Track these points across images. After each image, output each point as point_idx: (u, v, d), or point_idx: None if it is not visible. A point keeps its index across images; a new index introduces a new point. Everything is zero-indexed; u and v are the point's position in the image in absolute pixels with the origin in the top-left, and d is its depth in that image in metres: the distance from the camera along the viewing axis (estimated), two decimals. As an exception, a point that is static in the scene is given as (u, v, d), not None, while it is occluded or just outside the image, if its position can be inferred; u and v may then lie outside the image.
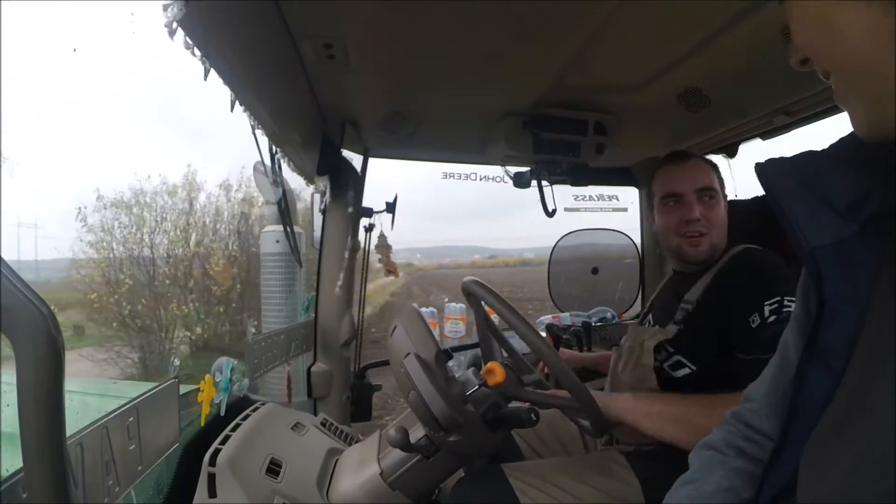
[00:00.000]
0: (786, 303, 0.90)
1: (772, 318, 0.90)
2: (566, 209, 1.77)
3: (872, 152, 0.40)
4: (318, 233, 1.50)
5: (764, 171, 0.45)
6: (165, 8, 0.60)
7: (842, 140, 0.44)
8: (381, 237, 1.54)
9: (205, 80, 0.80)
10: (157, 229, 6.20)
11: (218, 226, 6.55)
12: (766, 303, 0.92)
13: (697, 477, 0.57)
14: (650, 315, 1.24)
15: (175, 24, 0.62)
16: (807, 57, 0.40)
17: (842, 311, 0.40)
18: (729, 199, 1.18)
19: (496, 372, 0.83)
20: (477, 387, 0.84)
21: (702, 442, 0.62)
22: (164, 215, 6.27)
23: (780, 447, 0.45)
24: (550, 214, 1.56)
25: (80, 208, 5.91)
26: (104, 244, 6.00)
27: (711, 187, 1.11)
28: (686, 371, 1.05)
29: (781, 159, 0.45)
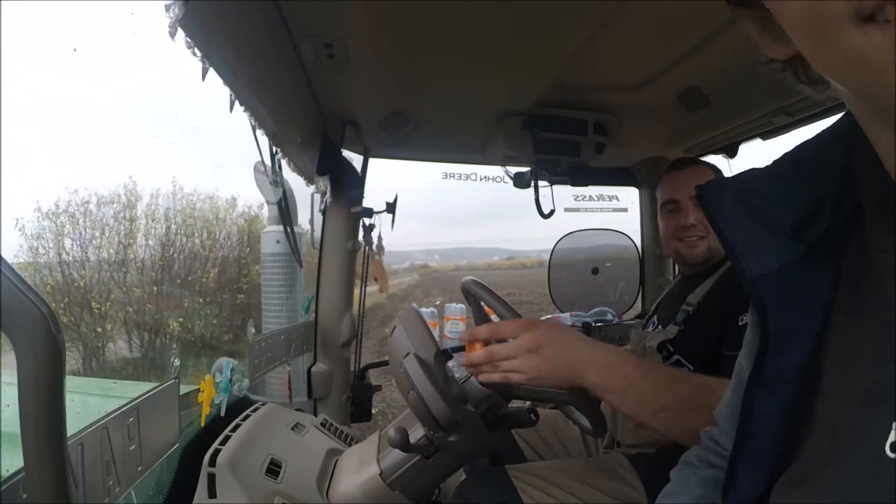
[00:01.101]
0: None
1: None
2: (566, 209, 1.77)
3: (820, 168, 0.38)
4: (318, 233, 1.50)
5: (703, 194, 0.43)
6: (168, 8, 0.60)
7: (784, 156, 0.42)
8: (378, 238, 1.53)
9: (203, 80, 0.80)
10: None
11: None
12: None
13: (675, 489, 0.60)
14: (654, 317, 1.25)
15: (175, 25, 0.62)
16: (794, 55, 0.33)
17: (791, 338, 0.38)
18: None
19: (476, 347, 0.84)
20: (468, 377, 0.84)
21: (680, 460, 0.63)
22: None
23: (734, 465, 0.43)
24: (546, 216, 1.56)
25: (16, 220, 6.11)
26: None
27: None
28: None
29: (722, 181, 0.43)
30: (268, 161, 1.33)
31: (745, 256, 0.39)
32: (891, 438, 0.29)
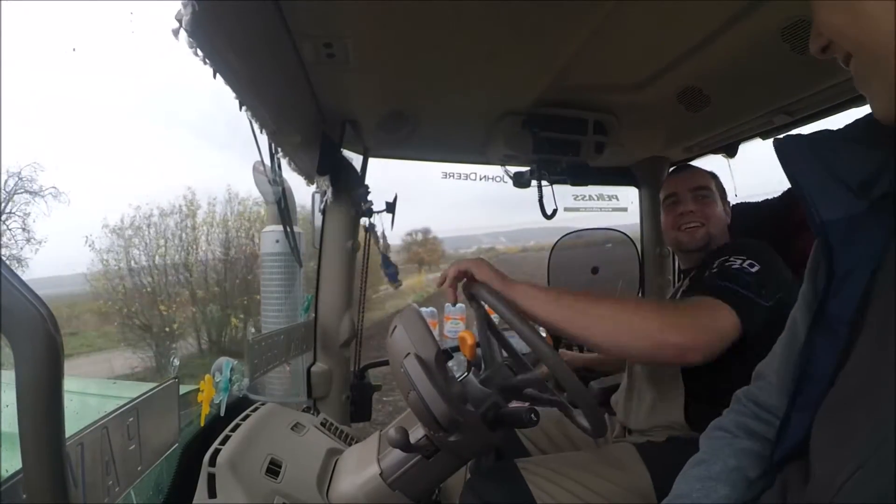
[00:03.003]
0: (731, 259, 0.98)
1: (716, 270, 0.99)
2: (566, 209, 1.77)
3: (884, 134, 0.42)
4: (318, 233, 1.50)
5: (781, 146, 0.47)
6: (185, 6, 0.60)
7: (856, 122, 0.46)
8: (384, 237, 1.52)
9: (214, 78, 0.81)
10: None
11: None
12: (719, 260, 1.01)
13: (706, 458, 0.59)
14: None
15: (177, 24, 0.62)
16: (828, 44, 0.41)
17: (848, 282, 0.43)
18: (739, 201, 1.30)
19: (467, 338, 0.84)
20: (466, 374, 0.84)
21: (712, 424, 0.63)
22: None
23: (790, 411, 0.47)
24: (549, 216, 1.56)
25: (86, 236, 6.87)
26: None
27: (706, 187, 1.20)
28: None
29: (798, 136, 0.47)
30: (267, 161, 1.33)
31: (815, 203, 0.44)
32: None
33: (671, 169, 1.36)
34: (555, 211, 1.58)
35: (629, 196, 1.92)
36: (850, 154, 0.44)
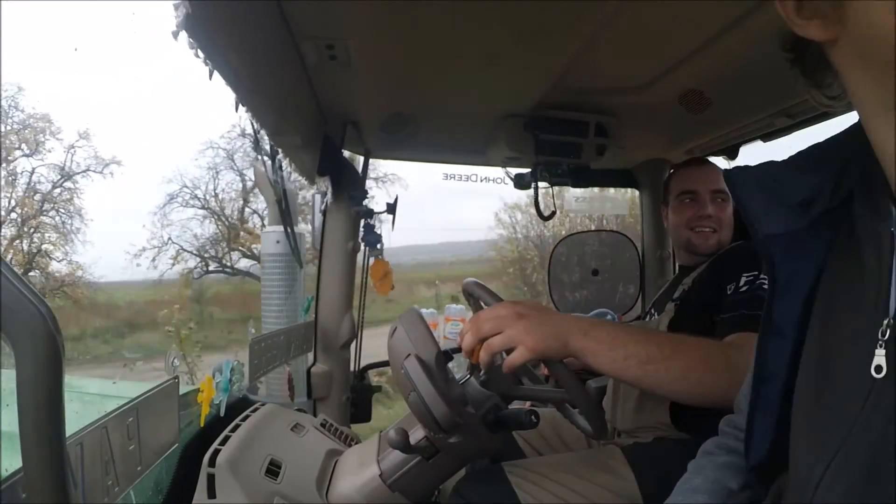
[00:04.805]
0: (761, 277, 0.97)
1: (744, 288, 0.98)
2: (566, 210, 1.77)
3: (823, 161, 0.48)
4: (318, 233, 1.50)
5: (730, 175, 0.53)
6: (176, 7, 0.60)
7: (799, 152, 0.52)
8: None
9: (210, 79, 0.80)
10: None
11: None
12: (744, 274, 0.99)
13: (690, 476, 0.64)
14: (653, 310, 1.26)
15: (177, 25, 0.62)
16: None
17: (791, 289, 0.48)
18: None
19: (476, 348, 0.84)
20: (468, 377, 0.84)
21: (700, 450, 0.68)
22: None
23: (752, 419, 0.52)
24: (545, 218, 1.57)
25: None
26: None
27: (725, 190, 1.19)
28: None
29: (746, 166, 0.53)
30: (268, 161, 1.33)
31: (759, 220, 0.49)
32: (874, 363, 0.38)
33: (686, 161, 1.35)
34: (553, 213, 1.58)
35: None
36: (792, 178, 0.49)
